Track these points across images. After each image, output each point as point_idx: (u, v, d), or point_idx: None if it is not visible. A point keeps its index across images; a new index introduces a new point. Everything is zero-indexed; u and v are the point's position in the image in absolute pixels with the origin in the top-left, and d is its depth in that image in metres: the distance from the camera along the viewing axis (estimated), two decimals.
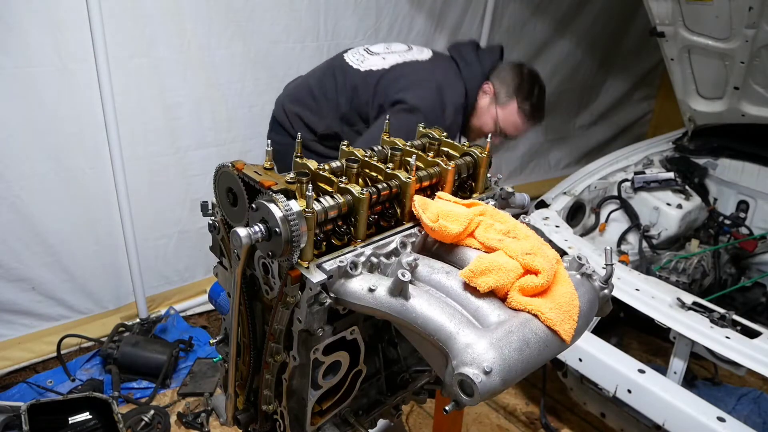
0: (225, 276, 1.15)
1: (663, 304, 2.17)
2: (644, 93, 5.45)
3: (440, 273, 0.96)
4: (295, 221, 0.89)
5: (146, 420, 2.46)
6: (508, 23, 4.16)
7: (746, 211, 3.32)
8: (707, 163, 3.41)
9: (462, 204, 1.09)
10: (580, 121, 5.20)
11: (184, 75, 2.87)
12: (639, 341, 3.20)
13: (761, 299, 3.05)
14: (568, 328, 0.89)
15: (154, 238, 3.10)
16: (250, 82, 3.10)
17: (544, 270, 0.93)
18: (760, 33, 2.75)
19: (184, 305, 3.33)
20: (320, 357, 1.00)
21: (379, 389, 1.25)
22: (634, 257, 2.93)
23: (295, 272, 0.93)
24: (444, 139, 1.26)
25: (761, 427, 2.22)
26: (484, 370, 0.78)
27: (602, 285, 1.04)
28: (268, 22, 3.04)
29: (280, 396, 1.08)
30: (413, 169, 1.05)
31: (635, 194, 3.13)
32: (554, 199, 2.91)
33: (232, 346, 1.12)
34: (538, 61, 4.50)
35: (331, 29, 3.30)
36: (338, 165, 1.10)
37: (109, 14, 2.51)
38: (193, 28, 2.81)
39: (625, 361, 2.10)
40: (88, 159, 2.73)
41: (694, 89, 3.33)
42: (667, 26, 3.08)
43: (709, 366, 2.73)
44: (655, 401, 1.96)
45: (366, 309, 0.92)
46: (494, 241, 1.00)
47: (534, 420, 2.78)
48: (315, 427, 1.10)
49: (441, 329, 0.84)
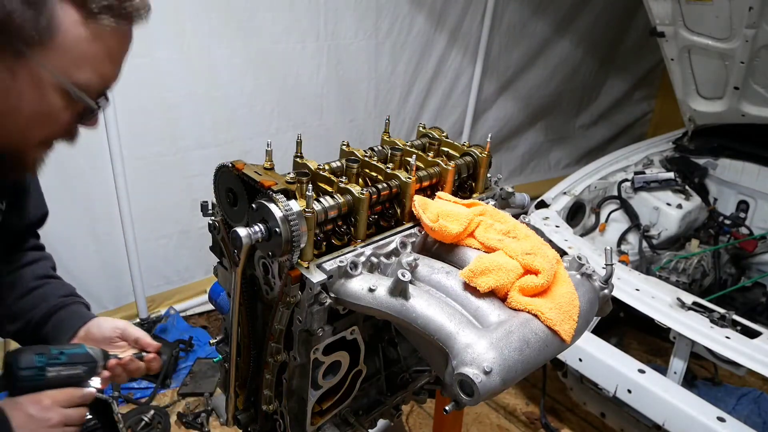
0: (225, 276, 1.15)
1: (663, 304, 2.17)
2: (644, 93, 5.45)
3: (440, 273, 0.96)
4: (295, 221, 0.89)
5: (146, 420, 2.46)
6: (508, 23, 4.16)
7: (746, 211, 3.32)
8: (707, 163, 3.41)
9: (462, 204, 1.09)
10: (580, 121, 5.20)
11: (184, 75, 2.87)
12: (639, 341, 3.20)
13: (761, 299, 3.05)
14: (568, 328, 0.89)
15: (154, 238, 3.10)
16: (250, 82, 3.10)
17: (544, 270, 0.93)
18: (760, 33, 2.75)
19: (184, 305, 3.33)
20: (320, 357, 1.00)
21: (379, 389, 1.25)
22: (634, 257, 2.93)
23: (295, 272, 0.93)
24: (444, 139, 1.26)
25: (761, 427, 2.23)
26: (484, 370, 0.78)
27: (602, 285, 1.04)
28: (268, 22, 3.04)
29: (280, 396, 1.08)
30: (413, 169, 1.05)
31: (635, 194, 3.13)
32: (554, 199, 2.91)
33: (232, 346, 1.12)
34: (538, 61, 4.51)
35: (331, 29, 3.29)
36: (338, 165, 1.10)
37: None
38: (193, 28, 2.81)
39: (625, 361, 2.10)
40: (88, 159, 2.73)
41: (694, 89, 3.33)
42: (667, 26, 3.08)
43: (709, 366, 2.73)
44: (655, 401, 1.96)
45: (366, 309, 0.92)
46: (494, 241, 1.00)
47: (534, 420, 2.78)
48: (315, 427, 1.10)
49: (441, 329, 0.84)
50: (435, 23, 3.78)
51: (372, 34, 3.50)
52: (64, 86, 0.80)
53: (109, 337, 1.14)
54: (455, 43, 3.96)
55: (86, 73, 0.82)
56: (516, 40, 4.27)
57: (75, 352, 1.01)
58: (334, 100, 3.51)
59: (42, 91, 0.80)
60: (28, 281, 1.19)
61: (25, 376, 0.94)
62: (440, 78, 4.01)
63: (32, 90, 0.79)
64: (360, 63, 3.54)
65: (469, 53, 4.06)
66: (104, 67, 0.84)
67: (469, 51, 4.05)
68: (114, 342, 1.14)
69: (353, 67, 3.51)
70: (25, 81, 0.78)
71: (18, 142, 0.85)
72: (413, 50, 3.75)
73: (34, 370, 0.95)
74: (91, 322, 1.16)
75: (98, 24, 0.79)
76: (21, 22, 0.74)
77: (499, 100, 4.46)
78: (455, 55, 4.00)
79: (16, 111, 0.80)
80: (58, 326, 1.16)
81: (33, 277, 1.20)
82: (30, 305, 1.17)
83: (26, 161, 0.89)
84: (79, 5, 0.77)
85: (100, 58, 0.82)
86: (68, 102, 0.83)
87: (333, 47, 3.34)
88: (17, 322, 1.17)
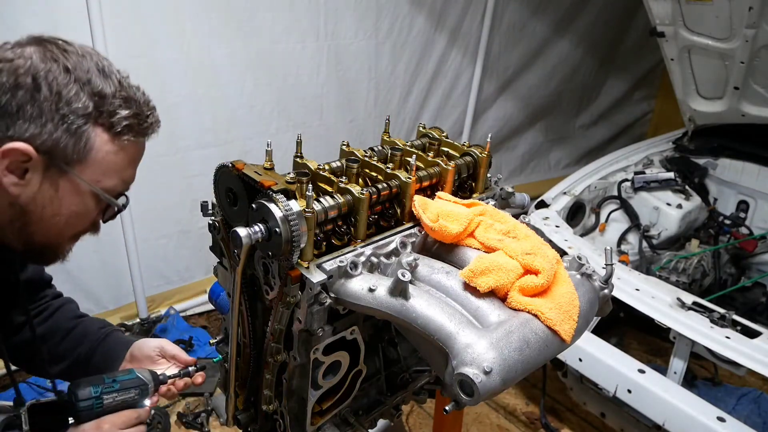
0: (225, 276, 1.15)
1: (663, 304, 2.17)
2: (644, 93, 5.45)
3: (440, 273, 0.96)
4: (295, 221, 0.89)
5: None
6: (508, 23, 4.16)
7: (746, 211, 3.32)
8: (707, 163, 3.41)
9: (462, 204, 1.09)
10: (580, 121, 5.20)
11: (184, 75, 2.87)
12: (639, 341, 3.20)
13: (761, 299, 3.05)
14: (568, 328, 0.89)
15: (154, 238, 3.10)
16: (250, 82, 3.10)
17: (544, 270, 0.93)
18: (760, 33, 2.75)
19: (184, 305, 3.33)
20: (320, 357, 1.00)
21: (379, 389, 1.25)
22: (634, 257, 2.93)
23: (295, 272, 0.93)
24: (444, 139, 1.26)
25: (761, 427, 2.22)
26: (484, 370, 0.78)
27: (602, 285, 1.04)
28: (268, 22, 3.04)
29: (280, 396, 1.08)
30: (413, 169, 1.05)
31: (635, 194, 3.13)
32: (554, 199, 2.91)
33: (232, 346, 1.12)
34: (537, 61, 4.51)
35: (331, 29, 3.29)
36: (338, 165, 1.10)
37: (109, 14, 2.51)
38: (193, 28, 2.81)
39: (625, 361, 2.10)
40: None
41: (694, 89, 3.33)
42: (667, 26, 3.08)
43: (709, 366, 2.72)
44: (655, 401, 1.96)
45: (366, 309, 0.92)
46: (494, 241, 1.00)
47: (534, 420, 2.78)
48: (315, 427, 1.10)
49: (441, 329, 0.84)
50: (435, 23, 3.78)
51: (372, 34, 3.50)
52: (96, 192, 0.98)
53: (150, 356, 1.28)
54: (455, 43, 3.96)
55: (113, 180, 1.00)
56: (516, 40, 4.27)
57: (126, 378, 1.11)
58: (334, 100, 3.51)
59: (78, 198, 0.98)
60: (64, 324, 1.34)
61: (84, 406, 1.05)
62: (440, 78, 4.01)
63: (71, 197, 0.97)
64: (360, 63, 3.54)
65: (469, 53, 4.06)
66: (126, 173, 1.03)
67: (469, 51, 4.05)
68: (156, 360, 1.28)
69: (353, 67, 3.51)
70: (66, 190, 0.96)
71: (56, 238, 1.03)
72: (413, 50, 3.75)
73: (92, 400, 1.06)
74: (133, 345, 1.31)
75: (121, 140, 0.97)
76: (64, 147, 0.92)
77: (499, 100, 4.46)
78: (455, 55, 4.00)
79: (57, 215, 0.98)
80: (105, 356, 1.31)
81: (67, 319, 1.35)
82: (73, 344, 1.32)
83: (61, 252, 1.07)
84: (108, 127, 0.95)
85: (123, 166, 1.01)
86: (97, 203, 1.01)
87: (333, 47, 3.34)
88: (63, 362, 1.32)
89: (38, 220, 0.97)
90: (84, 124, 0.92)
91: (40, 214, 0.97)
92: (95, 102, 0.93)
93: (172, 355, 1.28)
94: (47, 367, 1.29)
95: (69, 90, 0.91)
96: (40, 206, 0.96)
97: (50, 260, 1.09)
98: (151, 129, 1.03)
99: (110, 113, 0.95)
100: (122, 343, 1.32)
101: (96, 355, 1.31)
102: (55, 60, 0.91)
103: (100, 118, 0.94)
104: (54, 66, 0.91)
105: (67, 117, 0.91)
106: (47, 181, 0.94)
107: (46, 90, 0.89)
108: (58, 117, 0.90)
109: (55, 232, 1.01)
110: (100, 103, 0.94)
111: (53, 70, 0.90)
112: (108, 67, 0.97)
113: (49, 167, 0.93)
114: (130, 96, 0.98)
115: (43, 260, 1.11)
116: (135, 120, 0.98)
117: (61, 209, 0.98)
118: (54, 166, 0.93)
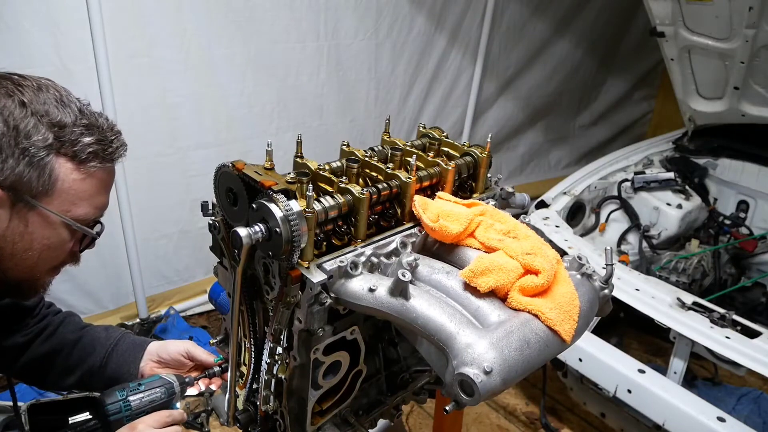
0: (225, 276, 1.15)
1: (663, 304, 2.17)
2: (644, 93, 5.45)
3: (440, 273, 0.96)
4: (295, 221, 0.89)
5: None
6: (508, 23, 4.16)
7: (746, 211, 3.33)
8: (707, 163, 3.41)
9: (462, 204, 1.09)
10: (580, 121, 5.20)
11: (184, 75, 2.87)
12: (639, 341, 3.21)
13: (761, 299, 3.05)
14: (568, 328, 0.89)
15: (154, 238, 3.10)
16: (250, 82, 3.10)
17: (544, 270, 0.93)
18: (760, 33, 2.75)
19: (184, 305, 3.33)
20: (320, 357, 1.00)
21: (379, 389, 1.25)
22: (634, 257, 2.93)
23: (296, 272, 0.92)
24: (444, 139, 1.26)
25: (761, 427, 2.23)
26: (484, 370, 0.78)
27: (602, 285, 1.04)
28: (268, 22, 3.04)
29: (280, 396, 1.08)
30: (413, 169, 1.05)
31: (635, 194, 3.13)
32: (554, 199, 2.91)
33: (232, 346, 1.12)
34: (537, 61, 4.51)
35: (331, 29, 3.30)
36: (338, 165, 1.10)
37: (109, 14, 2.51)
38: (193, 28, 2.81)
39: (625, 361, 2.10)
40: None
41: (694, 89, 3.33)
42: (667, 26, 3.08)
43: (709, 366, 2.73)
44: (655, 401, 1.96)
45: (366, 309, 0.92)
46: (494, 241, 1.00)
47: (534, 420, 2.78)
48: (315, 427, 1.10)
49: (441, 329, 0.84)
50: (435, 23, 3.78)
51: (372, 34, 3.50)
52: (68, 222, 0.98)
53: (177, 359, 1.29)
54: (455, 43, 3.96)
55: (84, 208, 1.00)
56: (516, 40, 4.27)
57: (151, 380, 1.15)
58: (334, 100, 3.51)
59: (50, 230, 0.97)
60: (70, 336, 1.34)
61: (113, 409, 1.09)
62: (440, 78, 4.01)
63: (42, 230, 0.97)
64: (360, 63, 3.54)
65: (469, 53, 4.06)
66: (97, 200, 1.02)
67: (469, 51, 4.05)
68: (183, 363, 1.29)
69: (353, 67, 3.51)
70: (36, 224, 0.96)
71: (31, 272, 1.02)
72: (413, 50, 3.75)
73: (119, 402, 1.10)
74: (158, 348, 1.31)
75: (87, 168, 0.97)
76: (28, 180, 0.92)
77: (499, 100, 4.46)
78: (455, 55, 4.00)
79: (30, 250, 0.98)
80: (120, 360, 1.31)
81: (72, 332, 1.35)
82: (84, 354, 1.33)
83: (38, 287, 1.07)
84: (71, 156, 0.95)
85: (93, 193, 1.00)
86: (71, 233, 1.01)
87: (333, 47, 3.34)
88: (76, 372, 1.32)
89: (10, 257, 0.97)
90: (46, 156, 0.92)
91: (11, 251, 0.96)
92: (55, 132, 0.93)
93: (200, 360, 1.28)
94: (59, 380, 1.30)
95: (26, 123, 0.91)
96: (11, 242, 0.95)
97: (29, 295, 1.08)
98: (117, 153, 1.02)
99: (72, 142, 0.94)
100: (136, 345, 1.33)
101: (111, 362, 1.31)
102: (9, 95, 0.91)
103: (62, 148, 0.94)
104: (9, 102, 0.91)
105: (27, 150, 0.91)
106: (15, 216, 0.94)
107: (2, 126, 0.89)
108: (18, 151, 0.90)
109: (29, 267, 1.00)
110: (61, 133, 0.93)
111: (8, 105, 0.90)
112: (66, 97, 0.97)
113: (15, 203, 0.93)
114: (91, 123, 0.97)
115: (21, 296, 1.10)
116: (99, 146, 0.97)
117: (32, 244, 0.97)
118: (20, 200, 0.93)
